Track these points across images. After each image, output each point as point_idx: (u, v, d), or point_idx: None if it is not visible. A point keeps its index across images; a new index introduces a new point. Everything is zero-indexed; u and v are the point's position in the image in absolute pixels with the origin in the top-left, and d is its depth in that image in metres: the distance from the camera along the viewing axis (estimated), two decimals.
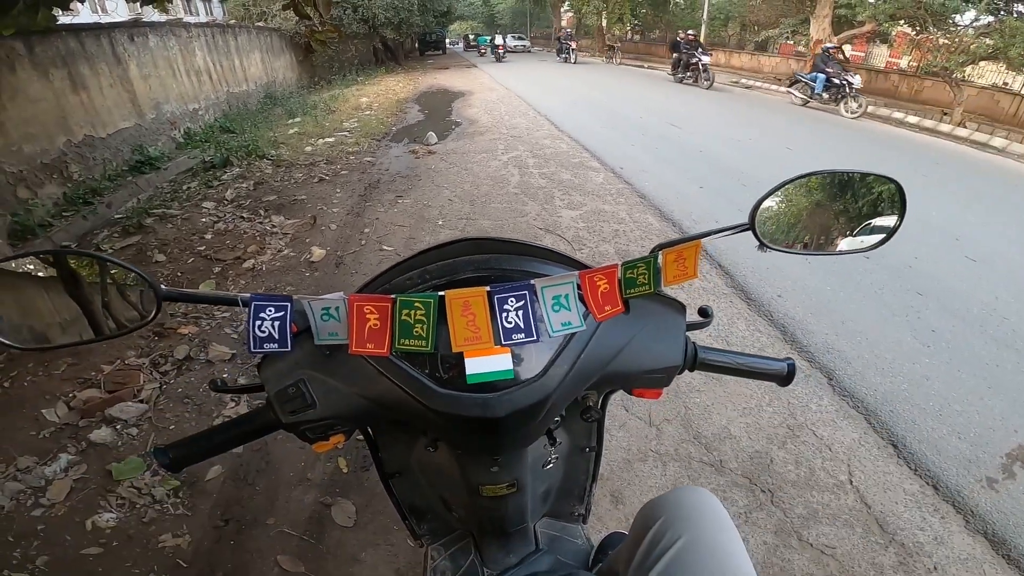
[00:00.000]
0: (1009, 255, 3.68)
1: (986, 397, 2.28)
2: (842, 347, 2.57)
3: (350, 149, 6.51)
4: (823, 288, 3.07)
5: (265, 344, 0.54)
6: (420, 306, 0.53)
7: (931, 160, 6.71)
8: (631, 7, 23.22)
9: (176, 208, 4.45)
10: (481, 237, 0.62)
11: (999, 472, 1.92)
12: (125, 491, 1.78)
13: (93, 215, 4.22)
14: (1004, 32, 9.01)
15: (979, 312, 2.93)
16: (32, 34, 4.28)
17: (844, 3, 12.34)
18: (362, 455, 1.93)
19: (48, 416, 2.07)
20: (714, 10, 18.87)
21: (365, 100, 10.65)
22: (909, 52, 13.15)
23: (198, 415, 2.12)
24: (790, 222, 0.66)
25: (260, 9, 13.15)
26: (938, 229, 4.07)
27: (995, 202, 5.03)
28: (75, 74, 4.93)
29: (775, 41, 16.18)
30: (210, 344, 2.51)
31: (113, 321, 0.56)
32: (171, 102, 6.75)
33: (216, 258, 3.47)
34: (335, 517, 1.71)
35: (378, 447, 0.74)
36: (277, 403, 0.56)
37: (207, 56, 8.10)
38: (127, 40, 5.90)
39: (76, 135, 4.80)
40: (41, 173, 4.31)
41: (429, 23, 19.67)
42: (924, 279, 3.25)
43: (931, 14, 10.27)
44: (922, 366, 2.47)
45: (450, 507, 0.78)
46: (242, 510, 1.74)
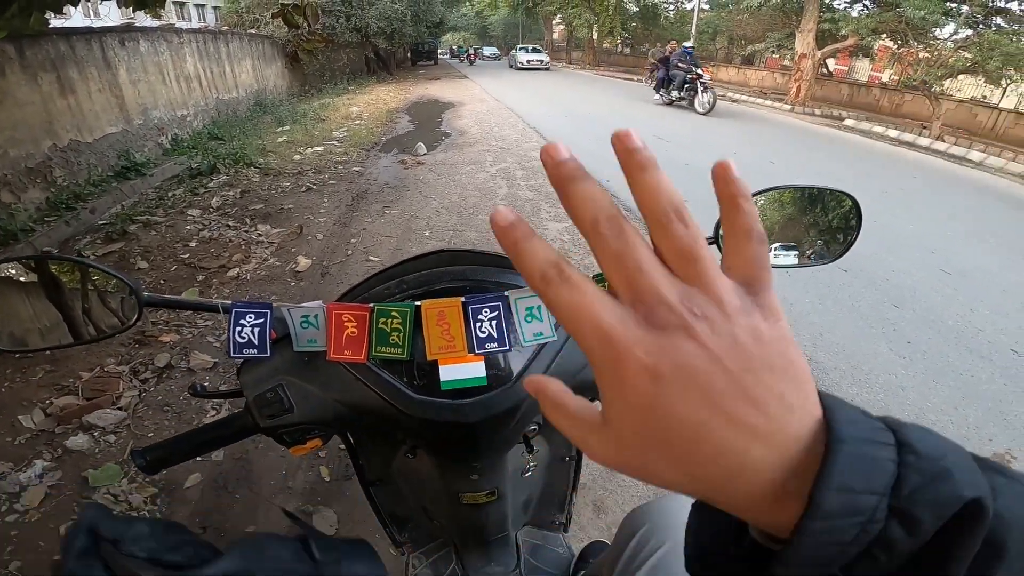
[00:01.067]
0: (984, 268, 3.78)
1: (960, 407, 2.34)
2: (820, 358, 2.62)
3: (339, 159, 6.49)
4: (801, 300, 3.13)
5: (245, 349, 0.56)
6: (397, 315, 0.55)
7: (908, 174, 6.87)
8: (621, 21, 23.60)
9: (161, 215, 4.41)
10: (457, 249, 0.64)
11: None
12: (101, 498, 1.76)
13: (76, 221, 4.17)
14: (982, 45, 9.26)
15: (954, 324, 3.00)
16: (23, 37, 4.24)
17: (828, 17, 12.61)
18: (344, 463, 1.92)
19: (24, 422, 2.05)
20: (702, 24, 19.23)
21: (355, 109, 10.66)
22: (891, 66, 13.43)
23: (178, 423, 2.10)
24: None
25: (253, 16, 13.16)
26: (914, 242, 4.17)
27: (971, 216, 5.17)
28: (64, 78, 4.90)
29: (761, 55, 16.43)
30: (192, 352, 2.50)
31: (94, 326, 0.57)
32: (160, 108, 6.71)
33: (200, 266, 3.45)
34: (316, 525, 1.69)
35: (359, 454, 0.75)
36: (255, 407, 0.58)
37: (198, 62, 8.07)
38: (118, 45, 5.87)
39: (62, 139, 4.76)
40: (25, 177, 4.26)
41: (422, 33, 19.83)
42: (900, 292, 3.32)
43: (912, 28, 10.52)
44: (898, 377, 2.52)
45: (431, 515, 0.79)
46: (221, 518, 1.73)
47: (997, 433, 2.20)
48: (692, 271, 0.22)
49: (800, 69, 12.77)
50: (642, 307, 0.21)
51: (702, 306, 0.21)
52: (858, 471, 0.20)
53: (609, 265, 0.22)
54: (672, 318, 0.21)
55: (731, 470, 0.21)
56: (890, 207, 5.09)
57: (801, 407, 0.21)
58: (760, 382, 0.21)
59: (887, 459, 0.20)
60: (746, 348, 0.21)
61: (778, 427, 0.21)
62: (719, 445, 0.21)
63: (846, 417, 0.21)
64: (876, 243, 3.96)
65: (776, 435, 0.21)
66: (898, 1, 10.48)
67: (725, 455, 0.21)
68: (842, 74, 16.44)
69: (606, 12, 22.64)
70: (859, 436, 0.20)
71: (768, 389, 0.21)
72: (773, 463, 0.21)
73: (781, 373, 0.21)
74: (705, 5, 20.72)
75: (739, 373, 0.21)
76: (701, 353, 0.20)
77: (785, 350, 0.22)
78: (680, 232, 0.22)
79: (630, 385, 0.21)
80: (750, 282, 0.23)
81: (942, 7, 10.16)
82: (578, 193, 0.22)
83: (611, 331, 0.21)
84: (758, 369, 0.21)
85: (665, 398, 0.21)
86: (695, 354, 0.20)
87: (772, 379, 0.21)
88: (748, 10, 16.17)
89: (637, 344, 0.21)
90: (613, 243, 0.21)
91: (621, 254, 0.22)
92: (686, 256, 0.22)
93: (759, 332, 0.21)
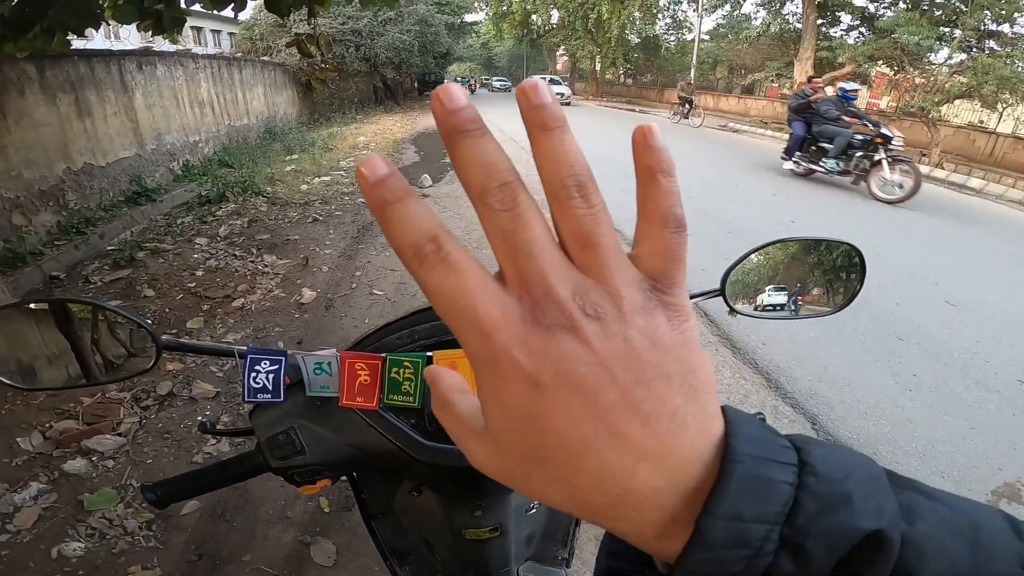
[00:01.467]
0: (988, 299, 3.77)
1: (969, 438, 2.31)
2: (825, 392, 2.60)
3: (345, 189, 6.55)
4: (806, 335, 3.12)
5: (259, 394, 0.57)
6: (409, 365, 0.57)
7: (909, 203, 6.91)
8: (624, 52, 24.21)
9: (169, 242, 4.46)
10: None
11: None
12: (96, 521, 1.75)
13: (85, 245, 4.22)
14: (977, 69, 9.35)
15: (960, 356, 2.98)
16: (45, 58, 4.31)
17: (825, 45, 12.89)
18: (345, 495, 1.90)
19: (23, 444, 2.05)
20: (702, 54, 19.71)
21: (363, 139, 10.85)
22: (888, 92, 13.64)
23: (177, 450, 2.09)
24: (759, 287, 0.70)
25: (267, 43, 13.54)
26: (918, 274, 4.17)
27: (973, 246, 5.18)
28: (82, 100, 4.98)
29: (761, 84, 16.74)
30: (194, 381, 2.50)
31: (111, 368, 0.58)
32: (172, 133, 6.83)
33: (206, 296, 3.46)
34: (314, 556, 1.68)
35: (362, 489, 0.76)
36: (267, 448, 0.59)
37: (211, 88, 8.25)
38: (135, 68, 5.98)
39: (76, 163, 4.83)
40: (38, 200, 4.32)
41: (429, 64, 20.32)
42: (905, 325, 3.31)
43: (907, 54, 10.70)
44: (905, 409, 2.50)
45: (433, 550, 0.79)
46: (217, 546, 1.71)
47: (1007, 463, 2.18)
48: (590, 259, 0.19)
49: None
50: (528, 299, 0.18)
51: (596, 302, 0.19)
52: (750, 496, 0.18)
53: (497, 245, 0.19)
54: (559, 316, 0.18)
55: (615, 494, 0.18)
56: (892, 239, 5.11)
57: (697, 424, 0.19)
58: (652, 395, 0.18)
59: (784, 482, 0.18)
60: (640, 355, 0.18)
61: (668, 447, 0.18)
62: (602, 466, 0.18)
63: (746, 434, 0.19)
64: (880, 276, 3.96)
65: (666, 456, 0.18)
66: (893, 27, 10.70)
67: (608, 477, 0.18)
68: None
69: (608, 44, 23.25)
70: (756, 455, 0.18)
71: (660, 403, 0.18)
72: (660, 487, 0.18)
73: (678, 384, 0.19)
74: (705, 36, 21.29)
75: (629, 384, 0.18)
76: (588, 359, 0.18)
77: (686, 357, 0.19)
78: (580, 211, 0.19)
79: (507, 391, 0.19)
80: (658, 276, 0.20)
81: (935, 32, 10.35)
82: (469, 151, 0.18)
83: (490, 326, 0.18)
84: (651, 379, 0.18)
85: (544, 409, 0.18)
86: (581, 360, 0.18)
87: (667, 391, 0.19)
88: (747, 40, 16.62)
89: (518, 344, 0.18)
90: (502, 218, 0.18)
91: (511, 233, 0.18)
92: (584, 240, 0.19)
93: (658, 336, 0.19)
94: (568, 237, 0.19)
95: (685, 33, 24.51)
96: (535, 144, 0.19)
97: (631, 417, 0.18)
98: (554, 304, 0.18)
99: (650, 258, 0.20)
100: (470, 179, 0.19)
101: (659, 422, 0.18)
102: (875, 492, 0.19)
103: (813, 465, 0.19)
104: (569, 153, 0.19)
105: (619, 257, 0.19)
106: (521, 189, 0.19)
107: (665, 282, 0.20)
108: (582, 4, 23.00)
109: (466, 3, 26.78)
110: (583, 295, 0.19)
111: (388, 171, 0.18)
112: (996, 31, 10.52)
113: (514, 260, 0.19)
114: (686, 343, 0.19)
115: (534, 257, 0.18)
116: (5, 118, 4.04)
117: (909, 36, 10.10)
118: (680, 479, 0.18)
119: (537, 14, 26.83)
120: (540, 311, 0.18)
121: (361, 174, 0.18)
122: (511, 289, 0.19)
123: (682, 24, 24.93)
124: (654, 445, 0.18)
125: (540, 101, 0.19)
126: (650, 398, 0.18)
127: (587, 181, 0.19)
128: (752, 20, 19.40)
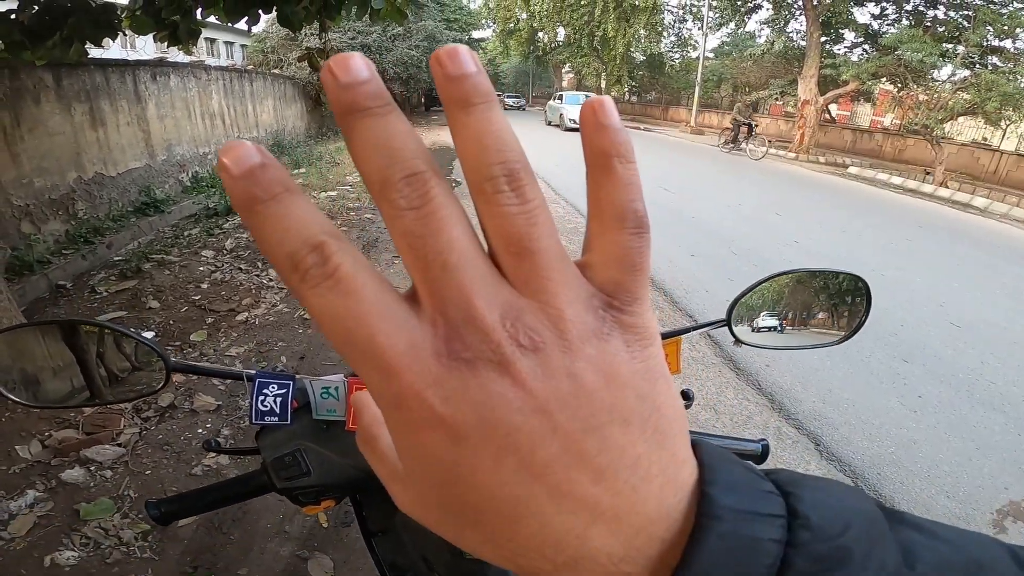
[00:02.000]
0: (993, 320, 3.75)
1: (974, 458, 2.29)
2: (829, 414, 2.58)
3: (351, 205, 6.58)
4: (810, 357, 3.10)
5: (266, 417, 0.58)
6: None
7: (915, 223, 6.91)
8: (628, 69, 24.47)
9: (175, 254, 4.49)
10: None
11: (990, 527, 1.93)
12: (91, 531, 1.74)
13: (92, 255, 4.25)
14: (980, 86, 9.33)
15: (965, 377, 2.96)
16: (62, 66, 4.37)
17: (829, 63, 12.95)
18: (343, 511, 1.89)
19: (21, 452, 2.05)
20: (707, 72, 19.88)
21: None
22: (892, 110, 13.67)
23: (177, 463, 2.08)
24: (765, 318, 0.71)
25: (278, 56, 13.74)
26: (923, 295, 4.16)
27: (978, 266, 5.16)
28: (96, 109, 5.03)
29: (765, 102, 16.84)
30: (196, 394, 2.50)
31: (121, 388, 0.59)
32: (183, 144, 6.90)
33: (210, 308, 3.47)
34: (311, 571, 1.66)
35: (363, 507, 0.76)
36: (273, 469, 0.60)
37: (223, 100, 8.35)
38: (150, 79, 6.05)
39: (87, 172, 4.88)
40: (48, 208, 4.36)
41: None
42: (910, 346, 3.29)
43: (910, 70, 10.69)
44: (910, 430, 2.47)
45: (432, 567, 0.78)
46: (213, 558, 1.70)
47: (1013, 483, 2.16)
48: (526, 271, 0.15)
49: (803, 116, 13.03)
50: (444, 326, 0.15)
51: (532, 328, 0.15)
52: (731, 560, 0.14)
53: (405, 255, 0.15)
54: (483, 347, 0.14)
55: (562, 562, 0.15)
56: (896, 260, 5.09)
57: (663, 474, 0.15)
58: (606, 445, 0.15)
59: (771, 540, 0.15)
60: (591, 395, 0.15)
61: (628, 505, 0.15)
62: (543, 532, 0.15)
63: (727, 481, 0.16)
64: (885, 298, 3.94)
65: (625, 517, 0.15)
66: (896, 44, 10.74)
67: (552, 544, 0.15)
68: (844, 120, 16.79)
69: (614, 61, 23.51)
70: (738, 508, 0.15)
71: (617, 454, 0.15)
72: (619, 554, 0.15)
73: (639, 428, 0.15)
74: (710, 54, 21.50)
75: (576, 433, 0.15)
76: (521, 403, 0.14)
77: (649, 392, 0.16)
78: (510, 208, 0.15)
79: (421, 441, 0.15)
80: (615, 290, 0.16)
81: (939, 49, 10.35)
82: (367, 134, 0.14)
83: (393, 362, 0.14)
84: (605, 425, 0.15)
85: (468, 465, 0.15)
86: (512, 405, 0.14)
87: (625, 438, 0.15)
88: (752, 58, 16.73)
89: (431, 385, 0.14)
90: (409, 220, 0.15)
91: (420, 239, 0.15)
92: (517, 246, 0.15)
93: (614, 368, 0.15)
94: (497, 243, 0.15)
95: (690, 51, 24.77)
96: (454, 126, 0.15)
97: (579, 473, 0.15)
98: (477, 332, 0.14)
99: (604, 267, 0.16)
100: (368, 170, 0.15)
101: (616, 477, 0.15)
102: (876, 543, 0.16)
103: (806, 516, 0.15)
104: (497, 134, 0.15)
105: (563, 267, 0.16)
106: (435, 181, 0.15)
107: (623, 297, 0.16)
108: (588, 22, 23.32)
109: (474, 20, 27.22)
110: (515, 319, 0.15)
111: (260, 160, 0.14)
112: (999, 47, 10.54)
113: (425, 274, 0.15)
114: (649, 374, 0.16)
115: (450, 269, 0.15)
116: (19, 126, 4.08)
117: (912, 53, 10.13)
118: (643, 543, 0.15)
119: (543, 31, 27.21)
120: (459, 341, 0.14)
121: (224, 165, 0.14)
122: (424, 313, 0.15)
123: (687, 42, 25.21)
124: (609, 504, 0.15)
125: (460, 71, 0.15)
126: (604, 449, 0.15)
127: (520, 170, 0.15)
128: (756, 38, 19.62)
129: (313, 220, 0.15)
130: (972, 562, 0.17)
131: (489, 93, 0.15)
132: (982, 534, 0.18)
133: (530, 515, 0.15)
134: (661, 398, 0.16)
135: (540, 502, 0.15)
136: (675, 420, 0.16)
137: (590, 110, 0.16)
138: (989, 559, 0.17)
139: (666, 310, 3.69)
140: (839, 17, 13.64)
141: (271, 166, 0.14)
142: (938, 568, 0.16)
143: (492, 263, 0.15)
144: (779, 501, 0.16)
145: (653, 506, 0.15)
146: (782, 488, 0.16)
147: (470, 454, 0.14)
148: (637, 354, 0.16)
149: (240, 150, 0.14)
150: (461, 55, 0.15)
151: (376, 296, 0.15)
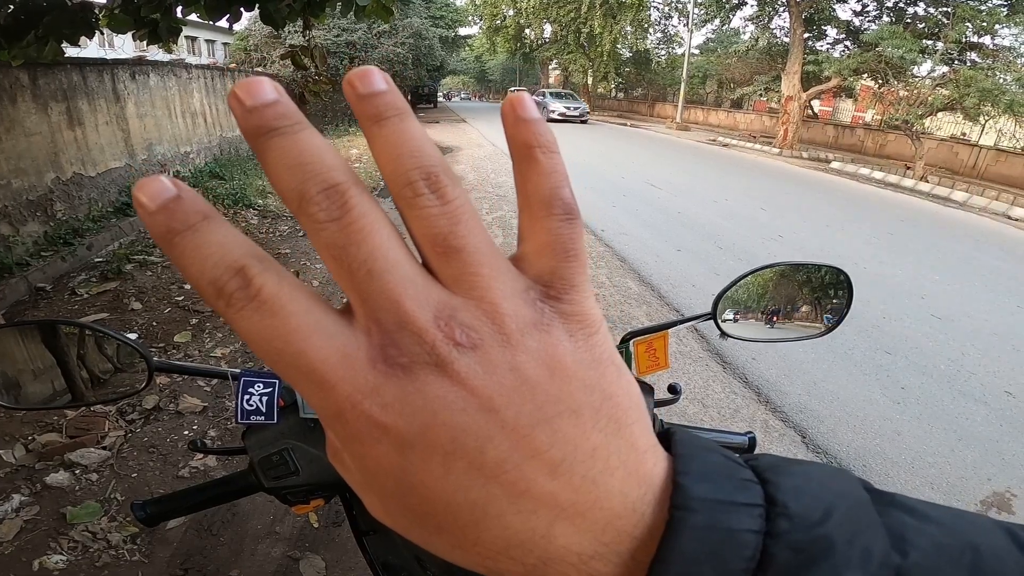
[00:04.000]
0: (973, 312, 3.82)
1: (957, 449, 2.34)
2: (815, 406, 2.62)
3: None
4: (795, 350, 3.14)
5: (252, 416, 0.58)
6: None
7: (896, 217, 7.03)
8: (615, 66, 24.54)
9: (157, 255, 4.41)
10: None
11: None
12: (79, 535, 1.72)
13: (72, 257, 4.16)
14: (959, 82, 9.52)
15: (947, 368, 3.02)
16: (38, 66, 4.28)
17: (812, 59, 13.12)
18: (334, 511, 1.88)
19: (5, 457, 2.02)
20: (693, 68, 20.01)
21: (355, 152, 10.84)
22: (873, 105, 13.89)
23: (163, 465, 2.06)
24: (749, 311, 0.72)
25: (261, 54, 13.57)
26: (904, 288, 4.23)
27: (958, 259, 5.26)
28: (73, 109, 4.94)
29: (750, 98, 16.99)
30: (181, 395, 2.46)
31: (104, 389, 0.58)
32: (164, 143, 6.80)
33: (194, 309, 3.42)
34: (303, 571, 1.65)
35: (354, 506, 0.76)
36: (261, 469, 0.59)
37: (204, 98, 8.24)
38: (128, 77, 5.95)
39: (66, 172, 4.79)
40: (26, 210, 4.28)
41: (422, 77, 20.46)
42: (892, 338, 3.35)
43: (891, 66, 10.87)
44: (893, 422, 2.52)
45: (424, 566, 0.78)
46: (204, 560, 1.68)
47: (995, 473, 2.20)
48: (455, 268, 0.15)
49: (787, 112, 13.19)
50: (378, 333, 0.14)
51: (468, 325, 0.15)
52: (708, 553, 0.14)
53: (332, 268, 0.15)
54: (418, 350, 0.14)
55: (531, 563, 0.15)
56: (878, 253, 5.18)
57: (625, 464, 0.15)
58: (558, 436, 0.14)
59: (748, 531, 0.14)
60: (535, 387, 0.15)
61: (591, 500, 0.15)
62: (506, 534, 0.14)
63: (701, 470, 0.15)
64: (867, 291, 4.00)
65: (588, 512, 0.14)
66: (877, 41, 10.93)
67: (517, 545, 0.15)
68: (827, 115, 17.03)
69: (601, 57, 23.58)
70: (713, 498, 0.15)
71: (571, 446, 0.15)
72: (588, 551, 0.14)
73: (591, 418, 0.15)
74: (695, 50, 21.63)
75: (525, 428, 0.14)
76: (464, 403, 0.14)
77: (598, 381, 0.15)
78: (431, 209, 0.15)
79: (366, 454, 0.15)
80: (551, 279, 0.16)
81: (919, 45, 10.55)
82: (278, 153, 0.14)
83: (327, 375, 0.14)
84: (553, 417, 0.15)
85: (418, 475, 0.14)
86: (454, 406, 0.14)
87: (576, 429, 0.15)
88: (736, 54, 16.89)
89: (368, 395, 0.14)
90: (331, 231, 0.14)
91: (343, 249, 0.14)
92: (443, 245, 0.15)
93: (557, 358, 0.15)
94: (424, 246, 0.15)
95: (675, 47, 24.91)
96: (371, 140, 0.15)
97: (533, 469, 0.14)
98: (411, 335, 0.14)
99: (537, 257, 0.16)
100: (284, 188, 0.14)
101: (572, 470, 0.14)
102: (860, 529, 0.15)
103: (784, 504, 0.15)
104: (412, 143, 0.15)
105: (494, 262, 0.15)
106: (355, 191, 0.15)
107: (560, 286, 0.16)
108: (575, 18, 23.34)
109: (460, 17, 27.07)
110: (449, 318, 0.15)
111: (175, 192, 0.14)
112: (978, 43, 10.74)
113: (353, 283, 0.15)
114: (596, 363, 0.15)
115: (376, 275, 0.14)
116: None
117: (893, 49, 10.31)
118: (611, 539, 0.15)
119: (530, 28, 27.18)
120: (394, 347, 0.14)
121: (139, 202, 0.14)
122: (358, 323, 0.15)
123: (673, 39, 25.36)
124: (569, 500, 0.14)
125: (370, 89, 0.15)
126: (556, 442, 0.14)
127: (439, 172, 0.15)
128: (741, 35, 19.80)
129: (234, 244, 0.14)
130: (968, 546, 0.16)
131: (402, 107, 0.15)
132: (979, 515, 0.17)
133: (490, 518, 0.14)
134: (612, 387, 0.16)
135: (498, 503, 0.14)
136: (631, 409, 0.16)
137: (509, 106, 0.16)
138: (986, 542, 0.16)
139: (653, 304, 3.71)
140: (822, 14, 13.84)
141: (186, 198, 0.14)
142: (931, 553, 0.15)
143: (422, 267, 0.15)
144: (757, 489, 0.15)
145: (617, 500, 0.15)
146: (760, 475, 0.16)
147: (418, 461, 0.14)
148: (581, 343, 0.15)
149: (154, 185, 0.14)
150: (372, 75, 0.16)
151: (304, 312, 0.14)
